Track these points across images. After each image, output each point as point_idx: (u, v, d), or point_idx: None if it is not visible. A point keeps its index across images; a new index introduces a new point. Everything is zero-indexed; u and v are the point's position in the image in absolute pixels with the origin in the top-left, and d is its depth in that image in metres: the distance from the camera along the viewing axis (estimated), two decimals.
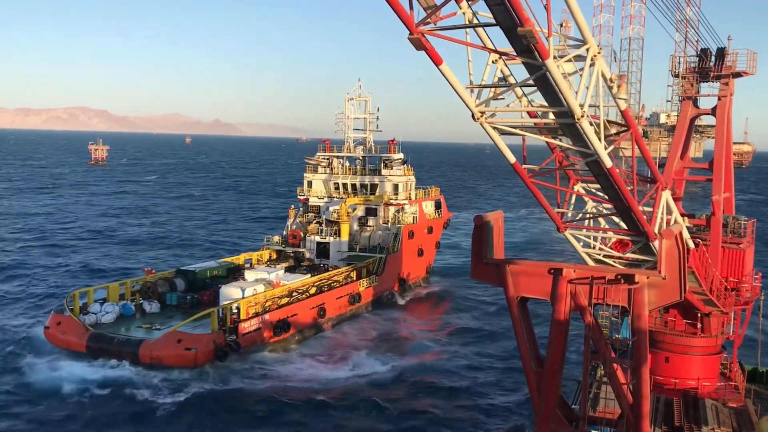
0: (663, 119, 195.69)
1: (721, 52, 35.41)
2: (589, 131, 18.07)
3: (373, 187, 78.55)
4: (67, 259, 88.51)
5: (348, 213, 73.97)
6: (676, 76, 37.41)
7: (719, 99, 35.61)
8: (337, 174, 79.92)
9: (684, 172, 38.75)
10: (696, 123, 38.61)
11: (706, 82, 36.45)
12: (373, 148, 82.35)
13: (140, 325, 52.44)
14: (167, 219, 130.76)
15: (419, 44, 15.77)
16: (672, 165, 36.58)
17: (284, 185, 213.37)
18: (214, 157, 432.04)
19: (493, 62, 18.22)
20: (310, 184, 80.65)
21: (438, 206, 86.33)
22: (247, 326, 50.88)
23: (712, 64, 35.62)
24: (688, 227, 34.06)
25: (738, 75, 35.42)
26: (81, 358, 49.20)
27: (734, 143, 38.36)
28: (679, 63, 37.16)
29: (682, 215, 36.70)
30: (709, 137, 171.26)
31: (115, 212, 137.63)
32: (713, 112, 35.93)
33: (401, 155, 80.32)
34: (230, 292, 54.82)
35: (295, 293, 57.82)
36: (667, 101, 39.66)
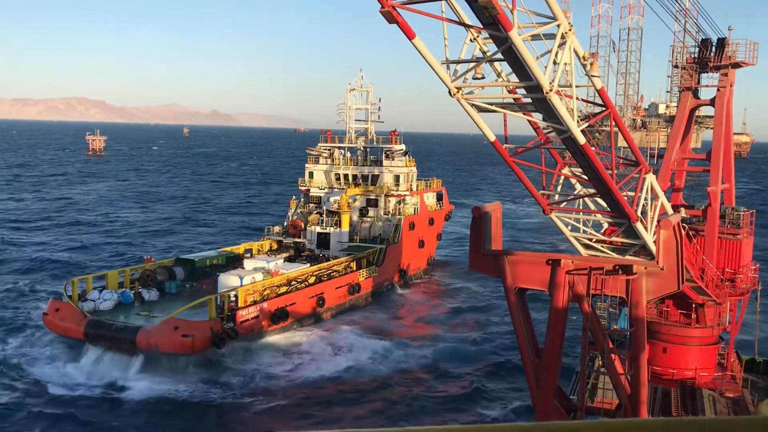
0: (662, 110, 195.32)
1: (721, 43, 35.37)
2: (560, 106, 18.08)
3: (374, 178, 78.48)
4: (66, 245, 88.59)
5: (348, 204, 73.97)
6: (676, 66, 37.40)
7: (718, 90, 35.61)
8: (339, 165, 79.83)
9: (684, 162, 38.80)
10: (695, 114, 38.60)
11: (706, 72, 36.47)
12: (374, 138, 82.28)
13: (138, 312, 52.52)
14: (166, 207, 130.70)
15: (390, 17, 15.97)
16: (671, 155, 36.65)
17: (285, 175, 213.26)
18: (212, 147, 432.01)
19: (471, 40, 18.27)
20: (311, 174, 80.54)
21: (440, 198, 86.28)
22: (245, 314, 50.95)
23: (711, 54, 35.59)
24: (685, 218, 34.16)
25: (737, 65, 35.39)
26: (79, 348, 49.41)
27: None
28: (679, 53, 37.15)
29: (681, 206, 36.82)
30: (707, 128, 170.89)
31: (113, 201, 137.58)
32: (712, 102, 35.93)
33: (402, 146, 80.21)
34: (228, 280, 54.83)
35: (294, 282, 57.89)
36: (667, 92, 39.71)
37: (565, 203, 23.54)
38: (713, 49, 35.55)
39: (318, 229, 73.24)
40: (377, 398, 44.42)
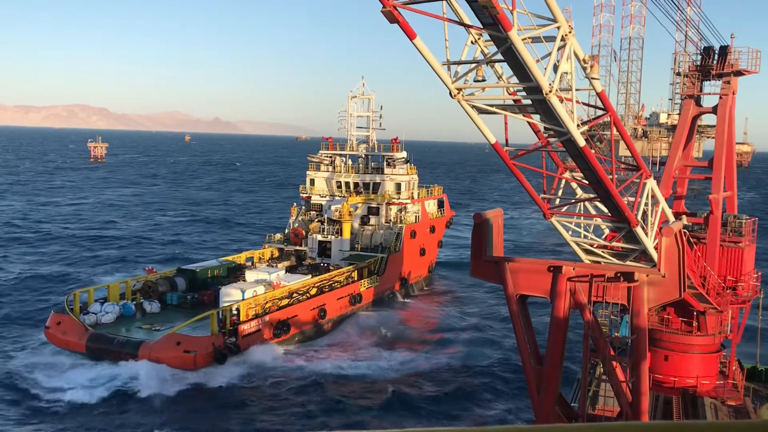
0: (663, 119, 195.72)
1: (724, 50, 35.39)
2: (559, 108, 18.07)
3: (376, 185, 78.38)
4: (68, 257, 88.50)
5: (350, 212, 73.85)
6: (679, 74, 37.40)
7: (721, 97, 35.60)
8: (340, 172, 79.72)
9: (686, 170, 38.76)
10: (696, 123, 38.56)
11: (708, 80, 36.45)
12: (375, 146, 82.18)
13: (140, 325, 52.24)
14: (167, 217, 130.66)
15: (392, 17, 16.05)
16: (673, 163, 36.63)
17: (286, 183, 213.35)
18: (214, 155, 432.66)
19: (471, 42, 18.29)
20: (312, 182, 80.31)
21: (441, 205, 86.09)
22: (246, 328, 50.71)
23: (714, 62, 35.59)
24: (687, 225, 34.08)
25: (740, 73, 35.37)
26: (81, 359, 49.27)
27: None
28: (681, 61, 37.15)
29: (683, 213, 36.75)
30: (708, 137, 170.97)
31: (112, 209, 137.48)
32: (715, 110, 35.90)
33: (404, 154, 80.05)
34: (230, 293, 54.41)
35: (295, 294, 57.62)
36: (669, 99, 39.80)
37: (566, 207, 23.47)
38: (716, 56, 35.56)
39: (319, 237, 73.09)
40: (382, 401, 44.37)
